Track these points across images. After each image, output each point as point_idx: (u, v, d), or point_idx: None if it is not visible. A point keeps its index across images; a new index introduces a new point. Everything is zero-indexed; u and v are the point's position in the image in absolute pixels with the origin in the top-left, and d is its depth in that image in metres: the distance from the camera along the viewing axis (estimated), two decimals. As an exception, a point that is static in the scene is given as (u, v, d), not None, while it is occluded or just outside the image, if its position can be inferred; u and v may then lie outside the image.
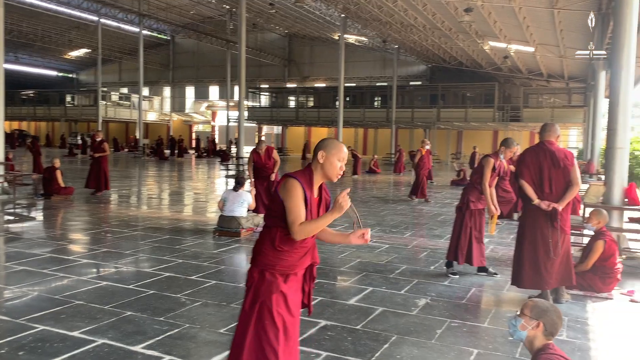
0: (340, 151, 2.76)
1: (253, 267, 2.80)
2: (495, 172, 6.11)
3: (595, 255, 5.43)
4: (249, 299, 2.77)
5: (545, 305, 2.53)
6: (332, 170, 2.75)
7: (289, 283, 2.79)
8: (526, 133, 39.55)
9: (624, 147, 7.29)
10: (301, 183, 2.68)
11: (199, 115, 54.52)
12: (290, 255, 2.75)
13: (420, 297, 5.23)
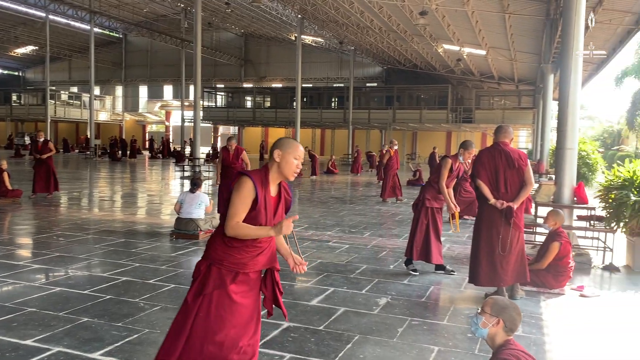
0: (297, 150, 2.77)
1: (202, 260, 2.78)
2: (453, 173, 6.25)
3: (551, 256, 5.62)
4: (192, 290, 2.74)
5: (504, 303, 2.60)
6: (288, 168, 2.76)
7: (238, 283, 2.74)
8: (478, 134, 40.59)
9: (573, 148, 7.59)
10: (253, 181, 2.67)
11: (152, 115, 53.45)
12: (240, 253, 2.72)
13: (381, 296, 5.28)
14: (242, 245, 2.71)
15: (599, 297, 5.53)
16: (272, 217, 2.77)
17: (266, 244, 2.81)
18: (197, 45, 21.95)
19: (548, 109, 20.22)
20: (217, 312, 2.72)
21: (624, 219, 6.79)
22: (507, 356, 2.41)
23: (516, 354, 2.43)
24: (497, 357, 2.46)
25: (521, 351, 2.47)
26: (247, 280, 2.78)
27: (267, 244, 2.82)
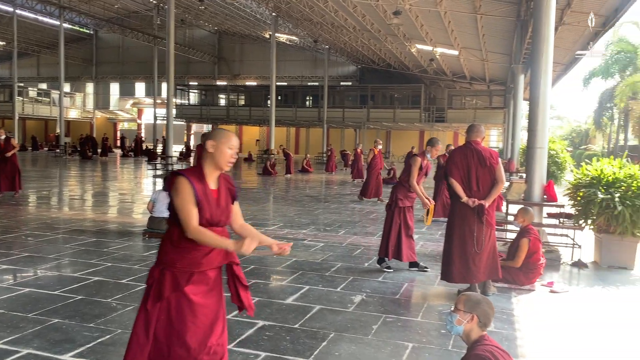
0: (230, 139, 2.76)
1: (154, 266, 2.74)
2: (423, 170, 6.32)
3: (523, 253, 5.73)
4: (150, 297, 2.69)
5: (477, 298, 2.64)
6: (222, 158, 2.74)
7: (194, 283, 2.70)
8: (450, 133, 41.11)
9: (543, 147, 7.74)
10: (188, 178, 2.65)
11: (124, 112, 52.61)
12: (191, 253, 2.68)
13: (355, 293, 5.31)
14: (191, 244, 2.67)
15: (568, 293, 5.67)
16: (217, 210, 2.73)
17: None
18: (169, 42, 21.69)
19: (518, 109, 20.60)
20: (178, 315, 2.68)
21: (591, 217, 6.96)
22: (482, 352, 2.45)
23: (490, 349, 2.47)
24: (471, 352, 2.50)
25: (495, 347, 2.51)
26: (205, 279, 2.74)
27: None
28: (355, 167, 20.91)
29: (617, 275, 6.56)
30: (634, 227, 6.68)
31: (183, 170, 2.71)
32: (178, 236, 2.69)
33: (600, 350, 4.11)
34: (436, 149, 6.35)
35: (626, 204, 6.65)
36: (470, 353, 2.51)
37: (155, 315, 2.68)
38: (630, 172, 7.01)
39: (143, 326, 2.71)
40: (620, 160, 7.37)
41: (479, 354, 2.44)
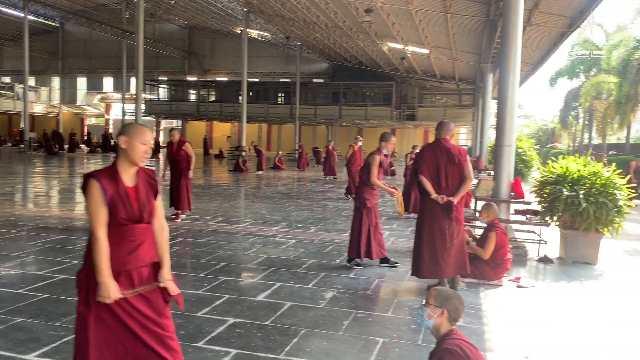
0: (143, 134, 2.70)
1: (81, 268, 2.69)
2: (382, 167, 6.35)
3: (491, 245, 5.83)
4: (81, 301, 2.65)
5: (448, 293, 2.67)
6: (135, 154, 2.68)
7: (122, 281, 2.64)
8: (420, 131, 41.55)
9: (511, 145, 7.88)
10: (97, 179, 2.59)
11: (91, 107, 51.50)
12: (113, 251, 2.63)
13: (327, 290, 5.32)
14: (115, 243, 2.63)
15: (534, 288, 5.79)
16: (136, 208, 2.67)
17: (143, 236, 2.72)
18: (139, 37, 21.33)
19: (487, 108, 20.91)
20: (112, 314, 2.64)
21: (557, 213, 7.13)
22: (451, 346, 2.48)
23: (459, 343, 2.50)
24: (440, 347, 2.53)
25: (464, 341, 2.55)
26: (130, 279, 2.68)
27: (144, 237, 2.73)
28: (328, 164, 20.96)
29: (581, 270, 6.73)
30: (597, 223, 6.87)
31: (94, 171, 2.64)
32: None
33: (565, 343, 4.21)
34: (390, 143, 6.37)
35: (590, 200, 6.82)
36: (439, 347, 2.54)
37: (90, 317, 2.62)
38: (594, 170, 7.20)
39: (82, 331, 2.65)
40: (584, 158, 7.57)
41: (447, 347, 2.47)
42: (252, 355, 3.65)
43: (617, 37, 30.22)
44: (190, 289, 5.18)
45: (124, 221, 2.64)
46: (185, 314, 4.42)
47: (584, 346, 4.16)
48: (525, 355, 3.89)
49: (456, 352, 2.44)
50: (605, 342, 4.28)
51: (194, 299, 4.85)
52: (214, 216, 9.93)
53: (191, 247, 7.19)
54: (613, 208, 6.82)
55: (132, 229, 2.68)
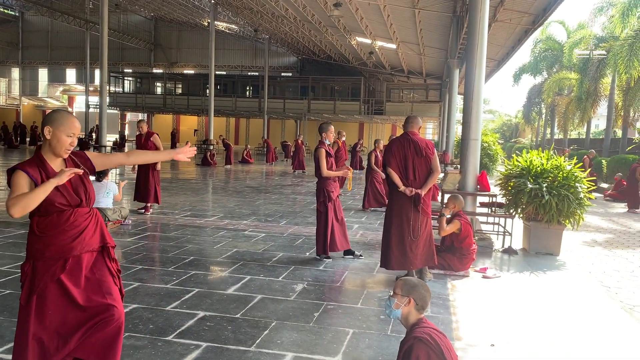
0: (71, 125, 2.64)
1: (25, 262, 2.67)
2: (331, 157, 6.38)
3: (454, 227, 5.95)
4: (24, 293, 2.62)
5: (413, 282, 2.72)
6: (59, 146, 2.62)
7: (70, 269, 2.63)
8: (388, 125, 41.90)
9: (477, 139, 8.04)
10: (24, 170, 2.55)
11: (54, 100, 50.09)
12: (57, 239, 2.61)
13: (297, 282, 5.34)
14: (56, 231, 2.60)
15: (499, 278, 5.94)
16: (72, 191, 2.65)
17: (87, 220, 2.69)
18: (103, 28, 20.82)
19: (453, 103, 21.24)
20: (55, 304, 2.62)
21: (521, 205, 7.31)
22: (420, 334, 2.53)
23: (428, 331, 2.56)
24: (410, 335, 2.58)
25: (433, 329, 2.61)
26: (80, 264, 2.66)
27: (87, 221, 2.69)
28: (296, 158, 20.94)
29: (544, 260, 6.93)
30: (559, 215, 7.07)
31: (19, 164, 2.60)
32: (38, 225, 2.62)
33: (530, 332, 4.34)
34: (330, 132, 6.36)
35: (553, 193, 7.02)
36: (409, 336, 2.59)
37: (32, 310, 2.60)
38: (556, 164, 7.40)
39: (21, 324, 2.63)
40: (547, 152, 7.77)
41: (417, 336, 2.52)
42: (223, 348, 3.64)
43: (578, 35, 31.05)
44: (159, 283, 5.12)
45: (64, 207, 2.61)
46: (154, 308, 4.38)
47: (547, 334, 4.30)
48: (491, 344, 3.99)
49: (426, 340, 2.49)
50: (568, 331, 4.42)
51: (162, 293, 4.80)
52: (182, 210, 9.82)
53: (159, 241, 7.11)
54: (574, 200, 7.04)
55: (73, 214, 2.65)
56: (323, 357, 3.58)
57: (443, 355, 2.48)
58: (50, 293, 2.61)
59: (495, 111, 73.62)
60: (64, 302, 2.63)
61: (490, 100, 78.87)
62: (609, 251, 8.42)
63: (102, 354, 2.68)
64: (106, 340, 2.68)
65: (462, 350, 3.84)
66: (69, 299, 2.63)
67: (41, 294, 2.60)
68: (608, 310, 5.05)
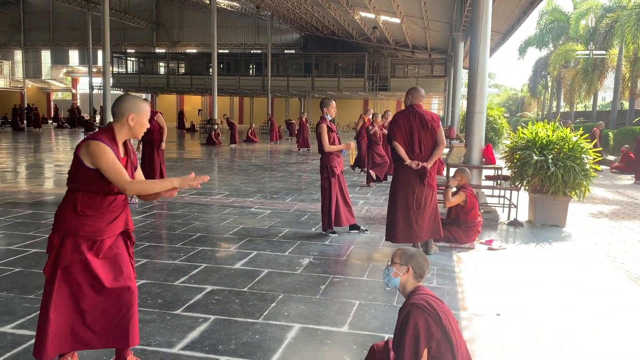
0: (148, 112, 2.82)
1: (54, 234, 2.69)
2: (333, 132, 6.36)
3: (459, 198, 5.96)
4: (48, 266, 2.67)
5: (412, 251, 2.73)
6: (141, 130, 2.80)
7: (96, 250, 2.70)
8: (393, 102, 41.66)
9: (482, 112, 7.99)
10: (106, 143, 2.62)
11: (57, 82, 50.02)
12: (95, 221, 2.67)
13: (303, 257, 5.38)
14: (96, 213, 2.67)
15: (505, 250, 5.96)
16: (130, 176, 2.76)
17: (122, 207, 2.79)
18: (104, 8, 20.66)
19: (459, 77, 21.06)
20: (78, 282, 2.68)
21: (527, 178, 7.30)
22: (417, 301, 2.55)
23: (425, 298, 2.57)
24: (408, 302, 2.60)
25: (430, 295, 2.62)
26: (105, 245, 2.73)
27: (122, 208, 2.79)
28: (301, 136, 20.90)
29: (549, 232, 6.94)
30: (565, 187, 7.05)
31: (96, 135, 2.66)
32: (83, 204, 2.66)
33: (535, 302, 4.37)
34: (331, 107, 6.31)
35: (558, 165, 6.99)
36: (407, 303, 2.61)
37: (55, 283, 2.65)
38: (562, 135, 7.36)
39: (46, 297, 2.68)
40: (553, 123, 7.72)
41: (414, 302, 2.54)
42: (231, 320, 3.69)
43: (584, 5, 30.56)
44: (166, 259, 5.18)
45: (112, 191, 2.68)
46: (162, 283, 4.44)
47: (554, 305, 4.32)
48: (497, 313, 4.02)
49: (423, 306, 2.51)
50: (574, 302, 4.45)
51: (170, 268, 4.85)
52: (189, 188, 9.85)
53: (166, 219, 7.16)
54: (580, 172, 7.01)
55: (115, 200, 2.73)
56: (330, 327, 3.62)
57: (441, 320, 2.50)
58: (74, 270, 2.66)
59: (500, 85, 72.97)
60: (86, 280, 2.69)
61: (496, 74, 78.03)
62: (616, 222, 8.42)
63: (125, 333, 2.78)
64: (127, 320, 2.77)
65: (468, 320, 3.87)
66: (92, 278, 2.70)
67: (65, 270, 2.65)
68: (614, 280, 5.07)
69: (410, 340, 2.47)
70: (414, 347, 2.47)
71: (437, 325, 2.49)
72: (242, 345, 3.31)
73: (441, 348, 2.50)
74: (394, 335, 2.67)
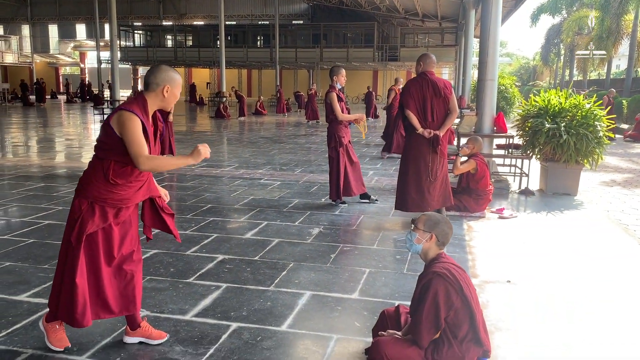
0: (180, 84, 2.82)
1: (81, 199, 2.69)
2: (342, 101, 6.30)
3: (469, 166, 5.92)
4: (75, 232, 2.68)
5: (437, 218, 2.70)
6: (173, 101, 2.81)
7: (121, 217, 2.75)
8: (403, 72, 41.10)
9: (494, 79, 7.86)
10: (138, 115, 2.62)
11: (65, 56, 49.89)
12: (124, 189, 2.71)
13: (313, 226, 5.39)
14: (125, 182, 2.71)
15: (516, 218, 5.93)
16: (154, 147, 2.78)
17: (146, 177, 2.83)
18: (109, -21, 20.42)
19: (469, 46, 20.70)
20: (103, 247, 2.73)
21: (538, 146, 7.20)
22: (439, 269, 2.53)
23: (447, 266, 2.55)
24: (429, 270, 2.58)
25: (452, 264, 2.61)
26: (127, 213, 2.79)
27: (146, 177, 2.84)
28: (310, 108, 20.77)
29: (561, 201, 6.89)
30: (577, 155, 6.97)
31: (128, 105, 2.65)
32: (114, 172, 2.67)
33: (547, 270, 4.36)
34: (341, 75, 6.21)
35: (571, 132, 6.90)
36: (427, 270, 2.59)
37: (80, 249, 2.67)
38: (575, 102, 7.23)
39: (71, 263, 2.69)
40: (566, 90, 7.59)
41: (436, 271, 2.53)
42: (243, 288, 3.73)
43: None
44: (178, 229, 5.18)
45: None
46: (174, 252, 4.47)
47: (565, 273, 4.31)
48: (508, 280, 4.02)
49: (444, 275, 2.50)
50: (586, 270, 4.43)
51: (182, 238, 4.88)
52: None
53: (177, 191, 7.19)
54: (593, 139, 6.91)
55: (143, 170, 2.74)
56: (340, 294, 3.64)
57: (462, 290, 2.49)
58: (99, 236, 2.71)
59: (512, 54, 71.80)
60: (103, 247, 2.73)
61: (508, 43, 76.80)
62: (628, 190, 8.34)
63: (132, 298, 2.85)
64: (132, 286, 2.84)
65: (479, 287, 3.87)
66: (108, 245, 2.74)
67: (91, 236, 2.69)
68: (627, 248, 5.03)
69: (429, 308, 2.47)
70: (434, 315, 2.46)
71: (458, 294, 2.48)
72: (254, 311, 3.35)
73: (459, 316, 2.50)
74: (411, 302, 2.67)
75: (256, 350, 2.87)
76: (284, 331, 3.10)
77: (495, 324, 3.28)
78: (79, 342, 2.94)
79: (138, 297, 2.87)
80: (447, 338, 2.50)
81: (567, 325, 3.30)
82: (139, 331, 2.94)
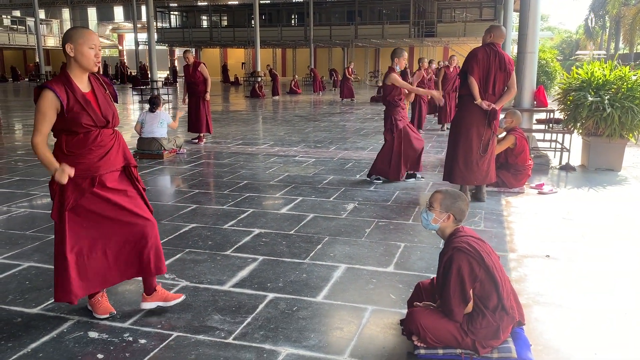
0: (90, 38, 2.66)
1: (52, 180, 2.71)
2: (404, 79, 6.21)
3: (506, 143, 5.80)
4: (55, 210, 2.72)
5: (452, 196, 2.63)
6: (86, 60, 2.66)
7: (100, 185, 2.73)
8: (440, 48, 40.34)
9: (534, 52, 7.62)
10: (52, 89, 2.59)
11: (104, 39, 50.73)
12: (85, 158, 2.69)
13: (348, 202, 5.40)
14: (84, 150, 2.69)
15: (556, 194, 5.79)
16: (99, 112, 2.71)
17: (111, 141, 2.79)
18: (145, -40, 20.63)
19: (509, 20, 20.06)
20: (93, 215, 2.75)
21: (580, 120, 6.99)
22: (459, 244, 2.51)
23: (466, 240, 2.52)
24: (449, 246, 2.56)
25: (471, 236, 2.57)
26: (106, 182, 2.76)
27: (112, 141, 2.79)
28: (344, 87, 20.64)
29: (604, 176, 6.69)
30: (622, 129, 6.73)
31: (47, 82, 2.64)
32: (67, 144, 2.69)
33: (586, 246, 4.26)
34: (403, 58, 6.15)
35: (615, 105, 6.66)
36: (448, 247, 2.57)
37: (65, 226, 2.70)
38: (620, 74, 6.96)
39: (59, 241, 2.75)
40: (610, 62, 7.30)
41: (456, 246, 2.50)
42: (279, 261, 3.78)
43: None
44: (215, 204, 5.30)
45: (90, 127, 2.69)
46: (212, 226, 4.56)
47: (605, 250, 4.20)
48: (547, 255, 3.95)
49: (465, 249, 2.47)
50: (627, 247, 4.31)
51: (219, 213, 4.97)
52: (234, 139, 9.98)
53: (214, 168, 7.29)
54: (639, 112, 6.65)
55: (100, 135, 2.74)
56: (375, 268, 3.65)
57: (484, 261, 2.46)
58: (81, 209, 2.73)
59: (554, 28, 69.36)
60: (96, 216, 2.76)
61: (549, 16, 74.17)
62: (676, 166, 8.02)
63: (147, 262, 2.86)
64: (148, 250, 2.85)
65: (516, 261, 3.82)
66: (106, 207, 2.76)
67: (73, 210, 2.72)
68: (672, 222, 4.86)
69: (455, 284, 2.46)
70: (460, 290, 2.45)
71: (480, 266, 2.46)
72: (290, 283, 3.39)
73: (485, 287, 2.48)
74: (436, 280, 2.67)
75: (292, 320, 2.92)
76: (320, 302, 3.14)
77: (534, 298, 3.23)
78: (122, 310, 3.04)
79: (157, 261, 2.87)
80: (479, 309, 2.49)
81: (608, 299, 3.23)
82: (154, 295, 2.99)
